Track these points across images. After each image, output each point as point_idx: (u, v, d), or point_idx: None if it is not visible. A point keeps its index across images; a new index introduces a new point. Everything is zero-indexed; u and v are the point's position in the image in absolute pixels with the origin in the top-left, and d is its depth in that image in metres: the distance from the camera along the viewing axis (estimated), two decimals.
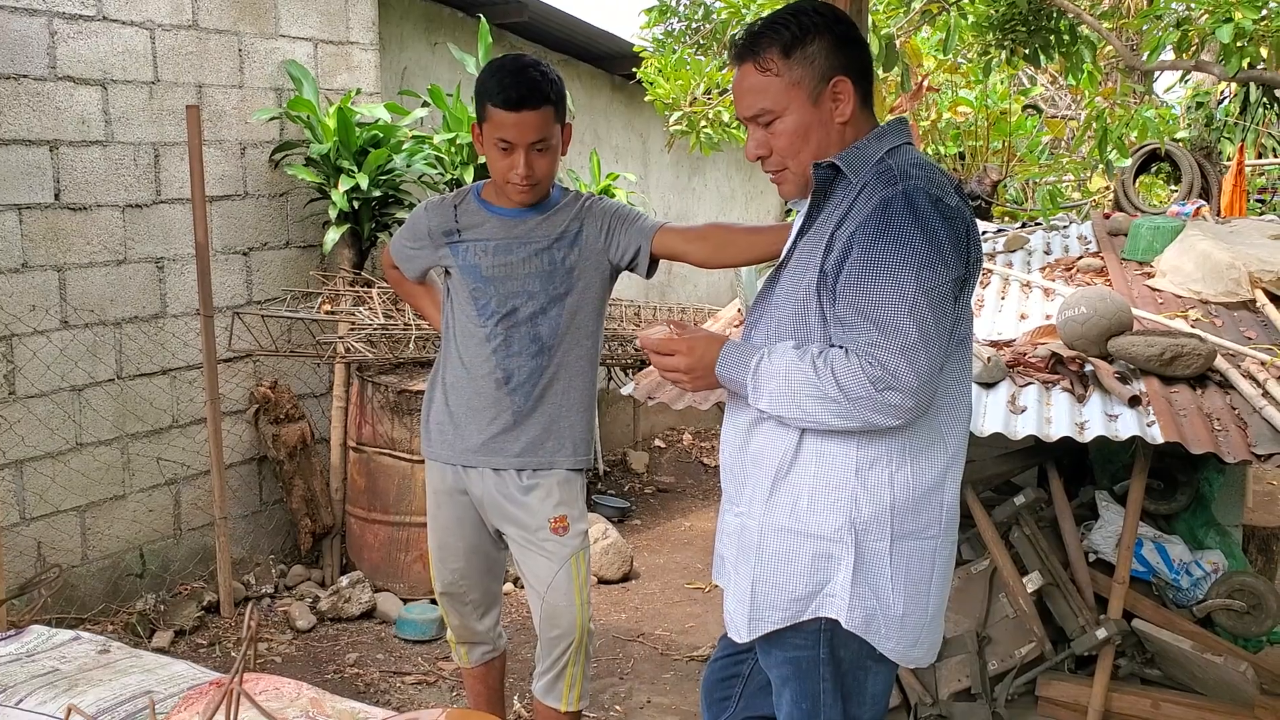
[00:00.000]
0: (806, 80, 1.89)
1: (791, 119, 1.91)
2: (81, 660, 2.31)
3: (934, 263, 1.77)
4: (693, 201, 8.38)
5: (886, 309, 1.76)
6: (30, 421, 4.11)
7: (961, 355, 1.94)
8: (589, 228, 2.73)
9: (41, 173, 4.12)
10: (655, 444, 7.56)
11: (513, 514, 2.78)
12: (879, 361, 1.75)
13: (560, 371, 2.75)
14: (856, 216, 1.83)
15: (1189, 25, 4.51)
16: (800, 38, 1.88)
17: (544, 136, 2.58)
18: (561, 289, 2.71)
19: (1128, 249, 4.30)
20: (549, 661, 2.83)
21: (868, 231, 1.80)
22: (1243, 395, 3.01)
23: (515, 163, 2.58)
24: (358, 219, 4.89)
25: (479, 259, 2.70)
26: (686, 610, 4.81)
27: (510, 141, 2.57)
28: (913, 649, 1.94)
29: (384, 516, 4.69)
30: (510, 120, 2.55)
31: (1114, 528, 3.35)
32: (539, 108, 2.55)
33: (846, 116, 1.91)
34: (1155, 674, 3.35)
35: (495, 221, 2.72)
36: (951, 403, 1.92)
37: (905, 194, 1.80)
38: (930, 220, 1.78)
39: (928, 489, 1.89)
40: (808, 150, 1.92)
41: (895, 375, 1.75)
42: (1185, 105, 9.55)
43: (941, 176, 1.88)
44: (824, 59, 1.88)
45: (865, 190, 1.85)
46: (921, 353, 1.75)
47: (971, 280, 1.88)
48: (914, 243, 1.77)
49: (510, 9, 5.97)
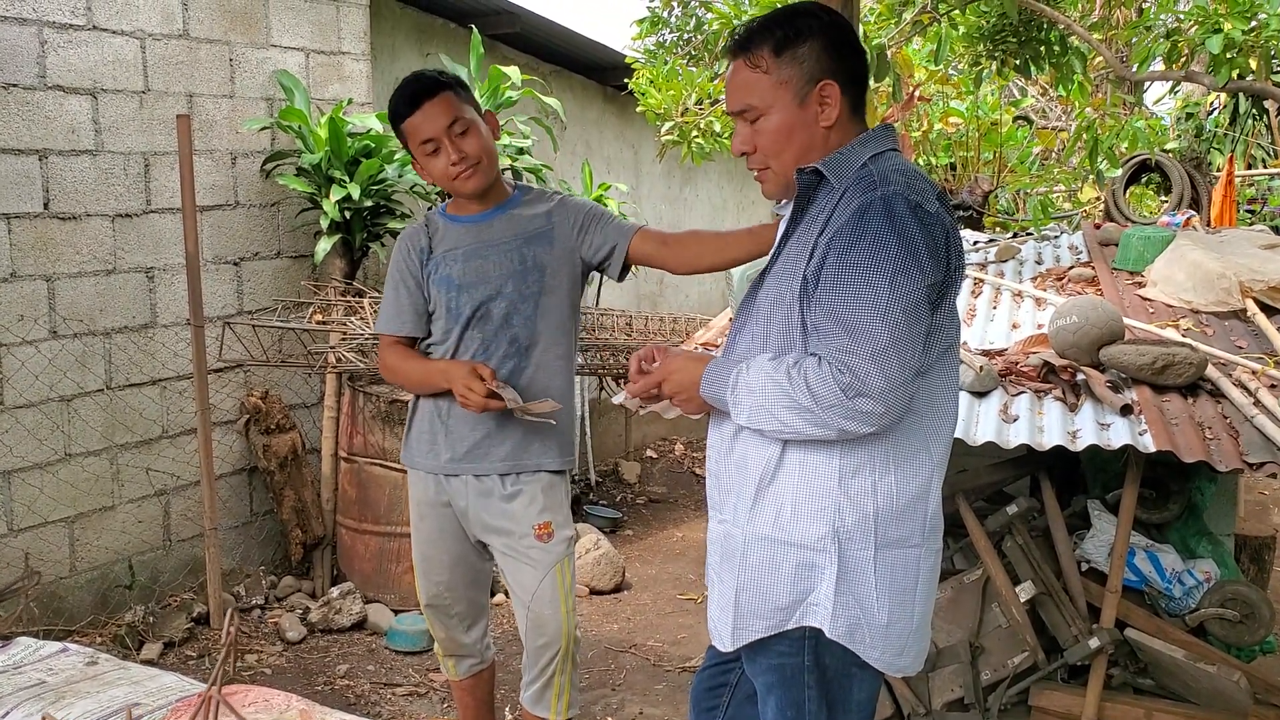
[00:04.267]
0: (794, 80, 1.89)
1: (776, 118, 1.91)
2: (69, 672, 2.30)
3: (909, 268, 1.76)
4: (684, 211, 8.39)
5: (858, 314, 1.76)
6: (18, 432, 4.09)
7: (946, 364, 1.93)
8: (561, 224, 2.75)
9: (31, 182, 4.11)
10: (647, 454, 7.55)
11: (496, 523, 2.77)
12: (849, 367, 1.75)
13: (538, 372, 2.75)
14: (837, 222, 1.83)
15: (1179, 36, 4.52)
16: (793, 38, 1.88)
17: (456, 117, 2.63)
18: (534, 287, 2.72)
19: (1119, 259, 4.31)
20: (536, 671, 2.82)
21: (844, 237, 1.80)
22: (1234, 404, 3.01)
23: (446, 155, 2.63)
24: (349, 229, 4.88)
25: (450, 268, 2.72)
26: (679, 621, 4.79)
27: (430, 136, 2.62)
28: (899, 658, 1.93)
29: (375, 527, 4.67)
30: (419, 119, 2.62)
31: (1106, 537, 3.35)
32: (435, 94, 2.63)
33: (831, 121, 1.91)
34: (1148, 683, 3.34)
35: (461, 229, 2.75)
36: (936, 410, 1.91)
37: (883, 199, 1.80)
38: (907, 226, 1.78)
39: (911, 497, 1.88)
40: (790, 150, 1.92)
41: (865, 381, 1.74)
42: (1175, 116, 9.60)
43: (923, 182, 1.87)
44: (814, 61, 1.88)
45: (846, 196, 1.85)
46: (893, 358, 1.75)
47: (952, 287, 1.88)
48: (889, 248, 1.76)
49: (502, 20, 5.98)
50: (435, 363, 2.73)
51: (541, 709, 2.83)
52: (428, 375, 2.73)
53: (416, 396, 2.85)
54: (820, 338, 1.81)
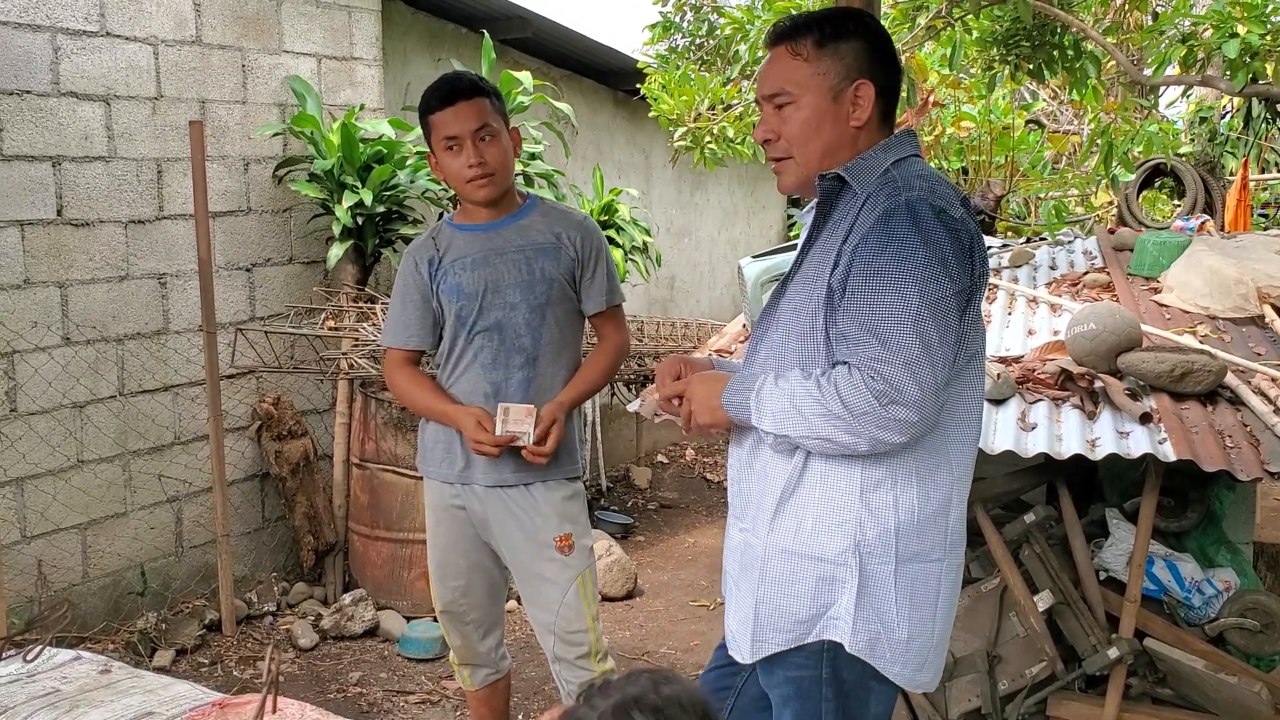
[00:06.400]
0: (832, 73, 1.89)
1: (808, 107, 1.91)
2: (83, 681, 2.28)
3: (938, 275, 1.75)
4: (695, 217, 8.38)
5: (889, 322, 1.74)
6: (31, 439, 4.09)
7: (971, 373, 1.91)
8: (568, 248, 2.75)
9: (44, 189, 4.11)
10: (658, 459, 7.53)
11: (514, 534, 2.76)
12: (882, 375, 1.73)
13: (548, 382, 2.74)
14: (861, 229, 1.81)
15: (1194, 40, 4.50)
16: (837, 33, 1.90)
17: (485, 123, 2.63)
18: (542, 298, 2.72)
19: (1134, 264, 4.28)
20: (578, 680, 2.78)
21: (870, 244, 1.79)
22: (1254, 412, 2.98)
23: (466, 157, 2.62)
24: (361, 235, 4.88)
25: (460, 277, 2.71)
26: (691, 628, 4.77)
27: (455, 135, 2.62)
28: (919, 673, 1.91)
29: (387, 533, 4.66)
30: (449, 115, 2.62)
31: (1125, 546, 3.32)
32: (473, 97, 2.63)
33: (862, 121, 1.90)
34: (1167, 694, 3.31)
35: (469, 238, 2.74)
36: (960, 422, 1.90)
37: (908, 205, 1.78)
38: (933, 232, 1.76)
39: (933, 512, 1.86)
40: (816, 142, 1.92)
41: (899, 389, 1.72)
42: (1188, 120, 9.56)
43: (946, 188, 1.86)
44: (854, 59, 1.89)
45: (869, 202, 1.84)
46: (926, 366, 1.73)
47: (978, 294, 1.87)
48: (916, 255, 1.75)
49: (514, 25, 5.97)
50: (444, 403, 2.73)
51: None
52: (435, 416, 2.77)
53: None
54: (851, 346, 1.79)
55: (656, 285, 7.68)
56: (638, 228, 6.09)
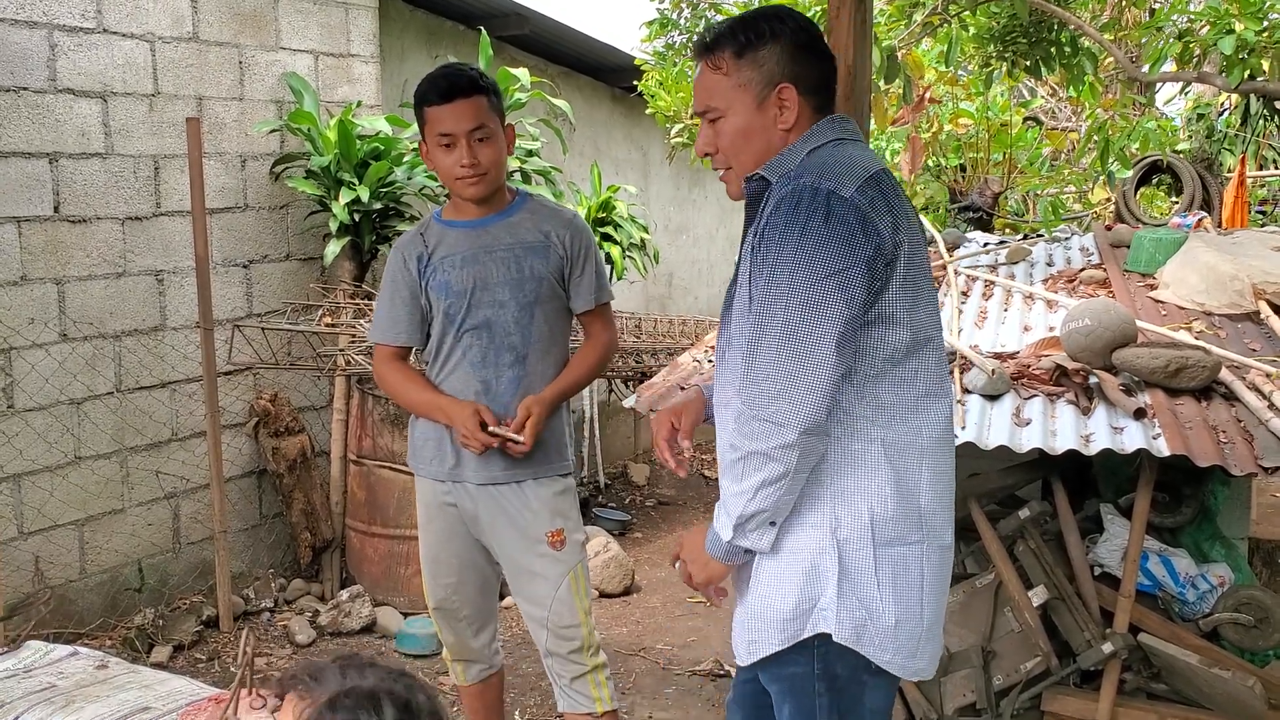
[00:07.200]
0: (754, 83, 1.90)
1: (735, 119, 1.92)
2: (79, 676, 2.29)
3: (817, 260, 1.75)
4: (693, 213, 8.38)
5: (763, 337, 1.79)
6: (28, 435, 4.09)
7: (919, 359, 1.88)
8: (557, 247, 2.74)
9: (41, 185, 4.11)
10: (656, 456, 7.54)
11: (505, 530, 2.76)
12: (754, 405, 1.80)
13: (538, 380, 2.74)
14: (759, 225, 1.85)
15: (1191, 37, 4.50)
16: (754, 41, 1.89)
17: (481, 123, 2.61)
18: (530, 297, 2.71)
19: (1130, 261, 4.28)
20: (569, 676, 2.80)
21: (759, 239, 1.83)
22: (1248, 407, 2.99)
23: (459, 156, 2.61)
24: (358, 231, 4.88)
25: (449, 274, 2.70)
26: (688, 625, 4.78)
27: (450, 133, 2.60)
28: (911, 660, 1.90)
29: (384, 530, 4.67)
30: (446, 112, 2.60)
31: (1119, 541, 3.33)
32: (471, 95, 2.60)
33: (790, 123, 1.91)
34: (1162, 689, 3.32)
35: (457, 234, 2.73)
36: (922, 406, 1.89)
37: (792, 193, 1.80)
38: (810, 217, 1.76)
39: (904, 494, 1.87)
40: (749, 152, 1.93)
41: (772, 418, 1.78)
42: (1186, 117, 9.56)
43: (843, 167, 1.82)
44: (774, 64, 1.89)
45: (772, 196, 1.86)
46: (798, 379, 1.77)
47: (894, 268, 1.81)
48: (792, 243, 1.77)
49: (511, 22, 5.98)
50: (438, 397, 2.72)
51: (585, 704, 2.80)
52: (428, 409, 2.74)
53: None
54: (740, 368, 1.86)
55: (654, 282, 7.68)
56: (635, 224, 6.09)
